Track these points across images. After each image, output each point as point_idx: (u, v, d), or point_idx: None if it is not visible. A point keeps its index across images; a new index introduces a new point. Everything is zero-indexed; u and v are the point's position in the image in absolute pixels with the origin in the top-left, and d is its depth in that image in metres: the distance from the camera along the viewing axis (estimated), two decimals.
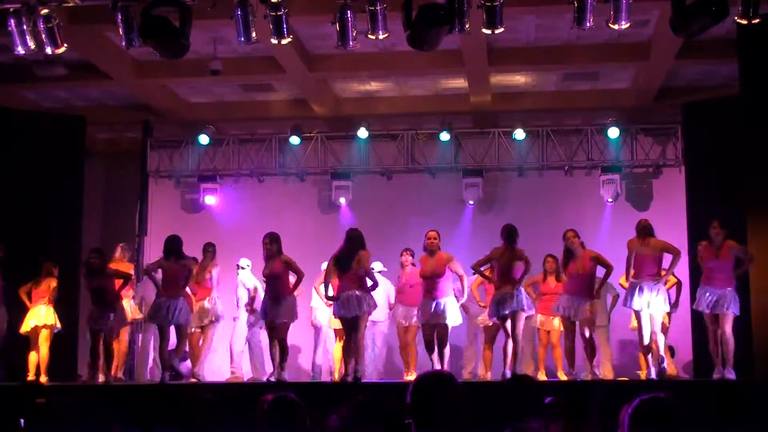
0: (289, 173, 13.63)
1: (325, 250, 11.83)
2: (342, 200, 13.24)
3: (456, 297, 9.52)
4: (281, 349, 9.46)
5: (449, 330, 9.51)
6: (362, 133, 13.00)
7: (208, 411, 3.70)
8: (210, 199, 13.46)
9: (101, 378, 9.94)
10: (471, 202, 13.10)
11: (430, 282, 9.38)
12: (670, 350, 11.38)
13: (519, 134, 12.88)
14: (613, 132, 12.70)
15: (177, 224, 13.44)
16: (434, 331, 9.40)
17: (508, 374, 9.27)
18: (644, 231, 9.28)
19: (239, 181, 13.76)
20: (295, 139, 13.21)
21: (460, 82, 12.52)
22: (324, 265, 10.36)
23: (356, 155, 13.34)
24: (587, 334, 9.33)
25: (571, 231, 9.47)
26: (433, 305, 9.29)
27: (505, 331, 9.41)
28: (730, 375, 8.82)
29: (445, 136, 12.92)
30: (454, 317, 9.43)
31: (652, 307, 9.14)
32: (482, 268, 9.68)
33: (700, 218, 11.52)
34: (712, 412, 7.34)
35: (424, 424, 3.36)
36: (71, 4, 9.05)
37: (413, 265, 10.45)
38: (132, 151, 13.74)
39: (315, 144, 13.43)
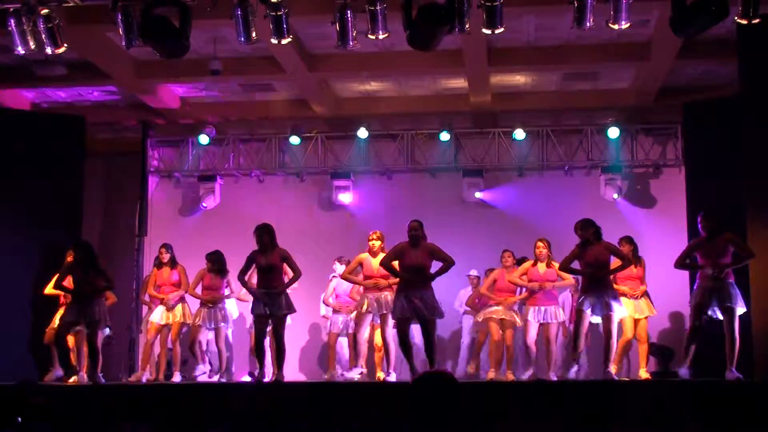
0: (289, 173, 13.64)
1: (324, 250, 11.87)
2: (342, 198, 13.22)
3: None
4: (279, 347, 9.18)
5: (436, 325, 9.14)
6: (362, 133, 13.00)
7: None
8: (210, 199, 13.45)
9: (75, 378, 9.86)
10: (478, 195, 13.06)
11: (415, 274, 8.97)
12: (667, 352, 11.41)
13: (519, 134, 12.89)
14: (613, 132, 12.70)
15: (177, 224, 13.49)
16: (407, 327, 9.00)
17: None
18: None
19: (239, 181, 13.76)
20: (295, 139, 13.22)
21: (460, 82, 12.52)
22: (333, 281, 11.06)
23: (356, 155, 13.34)
24: (614, 329, 9.06)
25: (579, 223, 9.27)
26: (413, 300, 8.85)
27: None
28: (737, 375, 8.73)
29: (445, 136, 12.93)
30: (439, 311, 9.06)
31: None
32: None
33: None
34: (712, 412, 7.34)
35: (424, 423, 3.36)
36: (71, 4, 9.04)
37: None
38: (132, 151, 13.74)
39: (315, 144, 13.45)
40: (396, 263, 9.14)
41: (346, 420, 6.97)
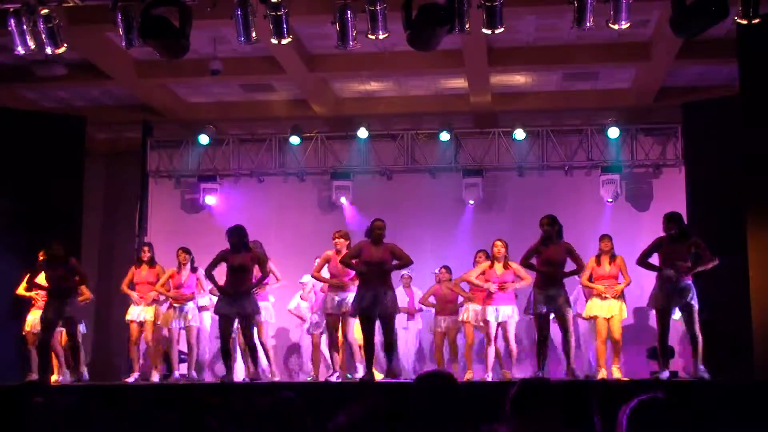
0: (289, 173, 13.63)
1: (324, 250, 11.84)
2: (342, 200, 13.23)
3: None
4: (250, 346, 9.40)
5: (394, 322, 9.25)
6: (362, 133, 13.00)
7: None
8: (210, 199, 13.45)
9: (59, 377, 9.83)
10: (471, 202, 13.09)
11: (376, 269, 9.00)
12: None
13: (519, 134, 12.88)
14: (613, 132, 12.70)
15: (177, 224, 13.49)
16: (371, 323, 9.10)
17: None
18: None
19: (239, 181, 13.76)
20: (295, 139, 13.21)
21: (460, 82, 12.52)
22: (305, 278, 11.18)
23: (356, 155, 13.34)
24: (571, 326, 9.15)
25: (546, 218, 9.30)
26: (377, 295, 8.91)
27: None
28: (705, 374, 8.78)
29: (445, 136, 12.93)
30: (396, 308, 9.20)
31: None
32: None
33: (700, 218, 11.54)
34: (711, 413, 7.34)
35: (424, 423, 3.36)
36: (71, 4, 9.04)
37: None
38: (132, 151, 13.75)
39: (315, 144, 13.44)
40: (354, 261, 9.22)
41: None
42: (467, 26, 8.52)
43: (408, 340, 11.86)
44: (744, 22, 8.29)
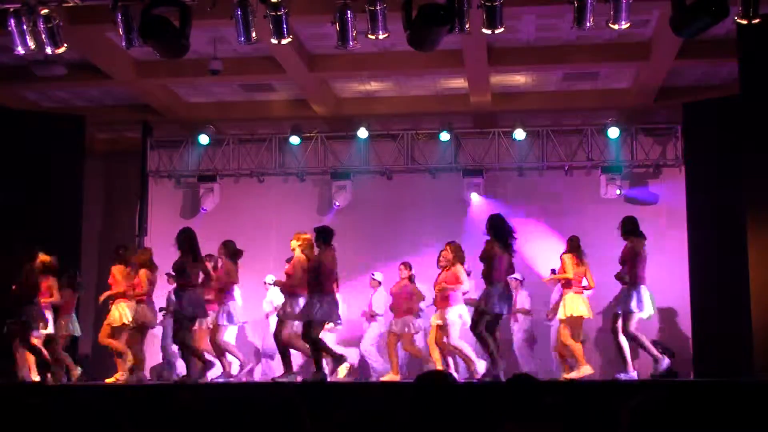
0: (289, 173, 13.64)
1: None
2: (342, 198, 13.22)
3: None
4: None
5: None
6: (362, 133, 13.00)
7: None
8: (210, 200, 13.45)
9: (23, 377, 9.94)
10: (472, 199, 13.06)
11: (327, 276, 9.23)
12: (667, 351, 11.40)
13: (519, 134, 12.89)
14: (613, 132, 12.70)
15: (177, 224, 13.44)
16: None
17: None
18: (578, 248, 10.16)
19: (239, 181, 13.77)
20: (295, 139, 13.22)
21: (460, 82, 12.52)
22: (268, 278, 11.55)
23: (356, 155, 13.34)
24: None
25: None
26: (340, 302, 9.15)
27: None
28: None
29: (445, 136, 12.93)
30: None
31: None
32: None
33: (700, 218, 11.54)
34: (711, 413, 7.33)
35: (424, 423, 3.36)
36: (71, 4, 9.04)
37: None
38: (132, 151, 13.75)
39: (315, 144, 13.45)
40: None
41: (345, 420, 6.96)
42: (467, 26, 8.51)
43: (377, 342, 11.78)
44: (744, 22, 8.28)
